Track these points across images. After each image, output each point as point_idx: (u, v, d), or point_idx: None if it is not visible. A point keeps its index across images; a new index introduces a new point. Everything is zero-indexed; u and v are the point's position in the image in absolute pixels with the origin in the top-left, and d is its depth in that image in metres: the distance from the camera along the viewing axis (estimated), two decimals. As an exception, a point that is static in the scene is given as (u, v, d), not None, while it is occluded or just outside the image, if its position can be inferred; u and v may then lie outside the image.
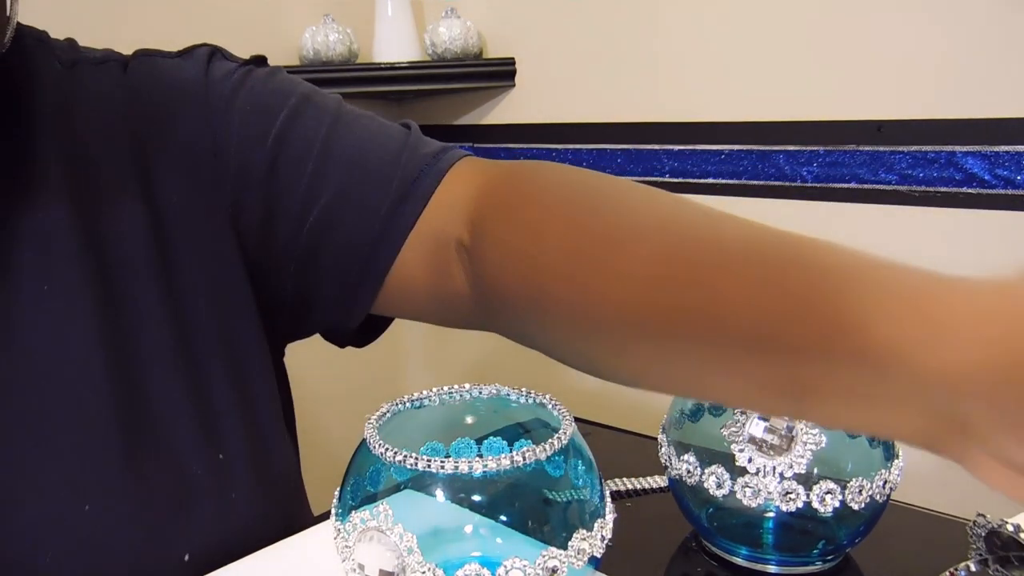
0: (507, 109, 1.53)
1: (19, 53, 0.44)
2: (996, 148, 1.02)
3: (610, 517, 0.40)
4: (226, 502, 0.46)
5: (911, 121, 1.08)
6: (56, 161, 0.43)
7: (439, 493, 0.38)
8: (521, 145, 1.51)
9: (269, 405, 0.49)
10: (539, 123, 1.48)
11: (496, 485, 0.38)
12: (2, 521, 0.39)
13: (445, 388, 0.45)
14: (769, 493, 0.45)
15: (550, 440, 0.38)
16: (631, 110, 1.36)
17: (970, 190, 1.05)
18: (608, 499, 0.41)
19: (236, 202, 0.47)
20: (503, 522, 0.40)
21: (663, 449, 0.52)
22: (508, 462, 0.36)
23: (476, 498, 0.38)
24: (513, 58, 1.49)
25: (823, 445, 0.44)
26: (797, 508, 0.45)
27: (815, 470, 0.45)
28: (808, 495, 0.45)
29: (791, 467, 0.45)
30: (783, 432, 0.45)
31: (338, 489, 0.41)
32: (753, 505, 0.45)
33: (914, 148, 1.09)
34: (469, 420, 0.45)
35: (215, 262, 0.47)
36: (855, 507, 0.45)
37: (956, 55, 1.03)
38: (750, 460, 0.45)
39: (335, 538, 0.39)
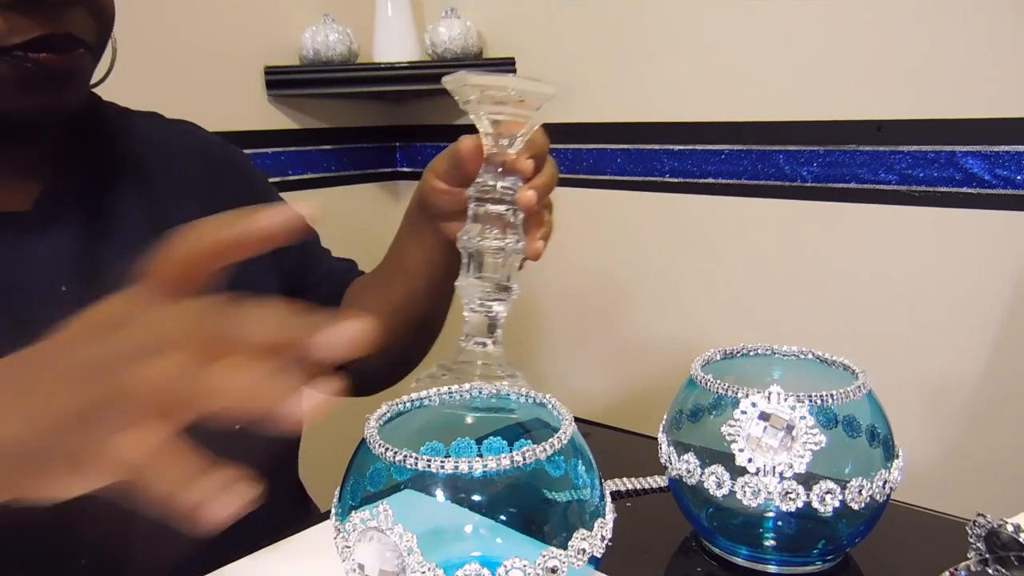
0: (507, 109, 1.53)
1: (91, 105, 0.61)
2: (996, 148, 1.02)
3: (610, 517, 0.40)
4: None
5: (911, 121, 1.08)
6: (131, 179, 0.60)
7: (439, 493, 0.38)
8: (521, 145, 1.51)
9: None
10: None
11: (496, 485, 0.38)
12: None
13: (445, 388, 0.45)
14: (769, 493, 0.45)
15: (550, 440, 0.38)
16: (631, 110, 1.36)
17: (970, 190, 1.05)
18: (608, 499, 0.41)
19: None
20: (503, 522, 0.40)
21: (663, 449, 0.52)
22: (508, 462, 0.36)
23: (476, 498, 0.38)
24: (513, 58, 1.49)
25: (823, 445, 0.44)
26: (797, 508, 0.45)
27: (815, 470, 0.45)
28: (808, 495, 0.45)
29: (791, 467, 0.45)
30: (783, 432, 0.45)
31: (338, 489, 0.41)
32: (753, 505, 0.45)
33: (914, 148, 1.09)
34: (469, 420, 0.45)
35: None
36: (855, 507, 0.45)
37: (956, 55, 1.03)
38: (750, 460, 0.45)
39: (335, 538, 0.39)
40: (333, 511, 0.41)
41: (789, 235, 1.22)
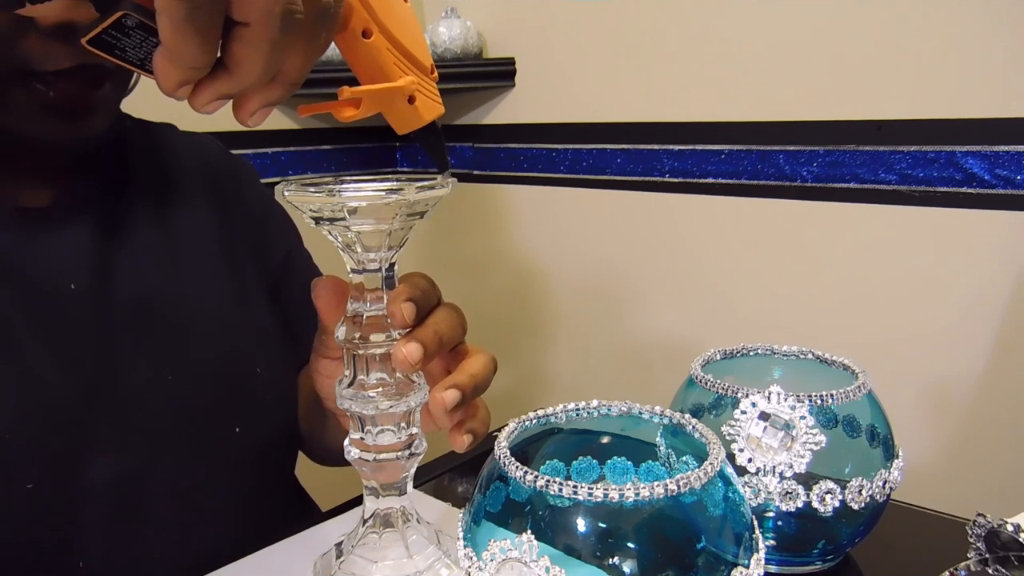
0: (507, 109, 1.53)
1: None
2: (996, 148, 1.02)
3: (763, 552, 0.36)
4: (257, 401, 0.61)
5: (911, 121, 1.08)
6: (145, 187, 0.62)
7: (580, 521, 0.34)
8: (521, 145, 1.52)
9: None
10: (539, 123, 1.48)
11: (641, 514, 0.34)
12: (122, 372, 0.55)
13: (572, 405, 0.42)
14: (769, 493, 0.45)
15: (703, 467, 0.34)
16: (631, 110, 1.36)
17: (970, 190, 1.05)
18: (758, 530, 0.37)
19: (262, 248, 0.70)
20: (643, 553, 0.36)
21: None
22: (662, 490, 0.33)
23: (618, 528, 0.34)
24: (513, 58, 1.49)
25: (823, 445, 0.44)
26: (797, 508, 0.45)
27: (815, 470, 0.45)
28: (808, 495, 0.45)
29: (791, 467, 0.45)
30: (783, 432, 0.45)
31: (465, 510, 0.38)
32: (753, 505, 0.45)
33: (914, 148, 1.09)
34: (602, 440, 0.43)
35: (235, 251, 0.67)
36: (855, 507, 0.45)
37: (956, 55, 1.03)
38: (750, 460, 0.45)
39: (466, 565, 0.36)
40: (460, 535, 0.37)
41: (789, 235, 1.22)
